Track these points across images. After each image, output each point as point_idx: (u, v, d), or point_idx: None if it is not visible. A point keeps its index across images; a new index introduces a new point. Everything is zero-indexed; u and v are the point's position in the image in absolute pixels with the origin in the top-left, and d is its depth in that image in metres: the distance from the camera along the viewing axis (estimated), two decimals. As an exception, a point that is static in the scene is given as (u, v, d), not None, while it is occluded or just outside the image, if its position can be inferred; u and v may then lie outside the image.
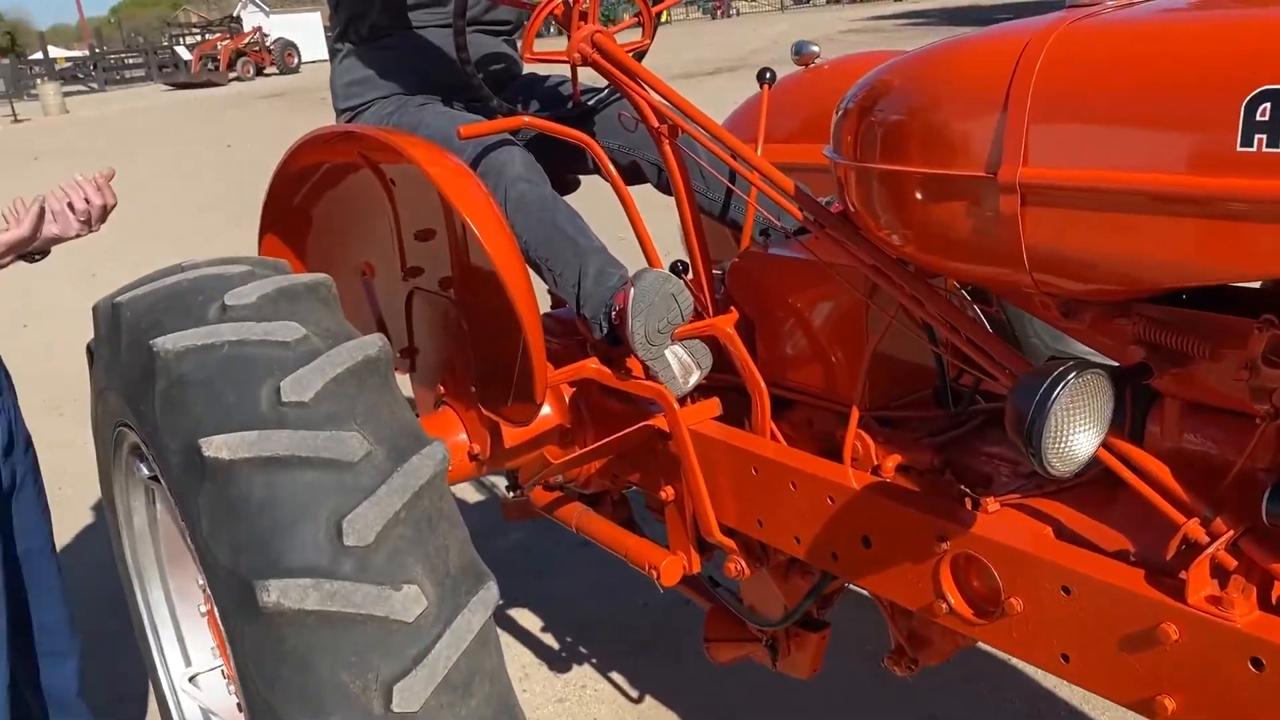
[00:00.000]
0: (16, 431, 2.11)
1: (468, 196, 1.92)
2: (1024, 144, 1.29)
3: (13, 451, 2.10)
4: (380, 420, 1.68)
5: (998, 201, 1.33)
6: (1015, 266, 1.36)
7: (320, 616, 1.50)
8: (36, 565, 2.17)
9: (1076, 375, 1.23)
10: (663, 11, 2.30)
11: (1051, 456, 1.24)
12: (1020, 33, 1.36)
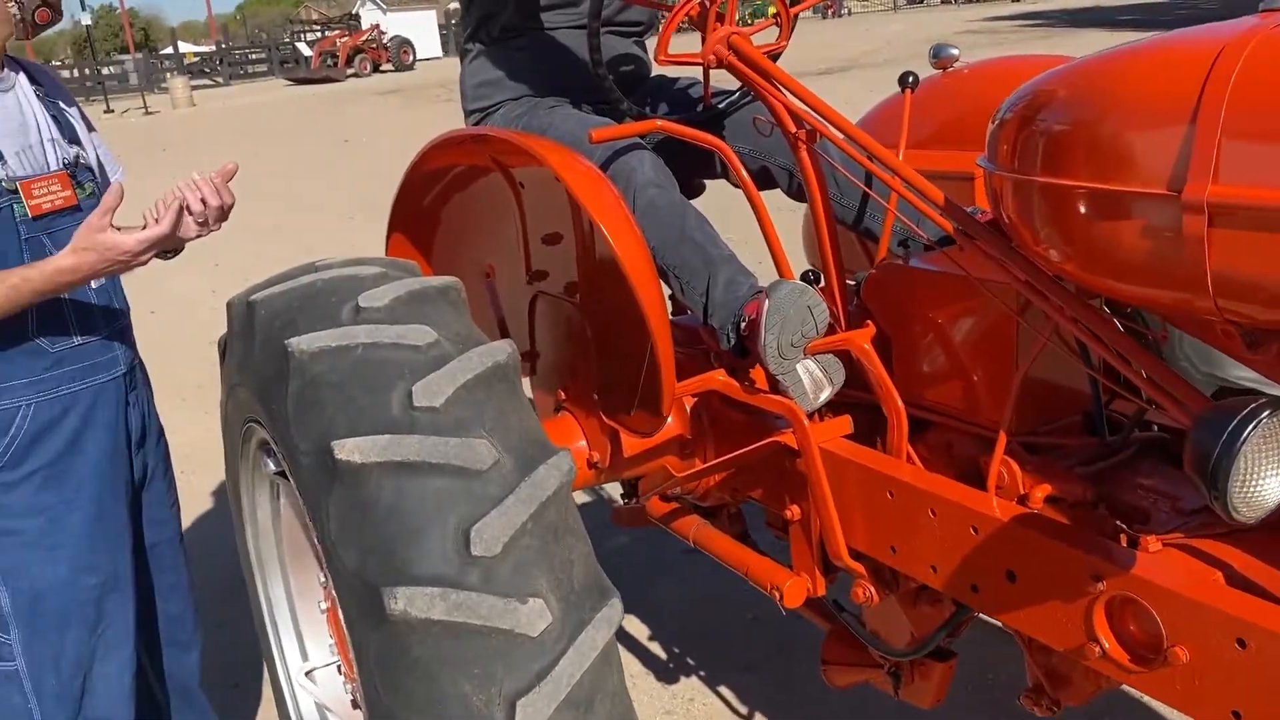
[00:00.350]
0: (149, 424, 2.15)
1: (601, 201, 1.88)
2: (1215, 160, 1.19)
3: (145, 443, 2.14)
4: (508, 428, 1.66)
5: (1180, 221, 1.23)
6: (1196, 291, 1.26)
7: (446, 627, 1.48)
8: (165, 557, 2.21)
9: (1270, 414, 1.13)
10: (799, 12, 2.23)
11: (1238, 501, 1.14)
12: (1211, 39, 1.26)
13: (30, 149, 1.89)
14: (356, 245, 8.11)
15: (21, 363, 1.88)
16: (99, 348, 2.00)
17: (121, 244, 1.74)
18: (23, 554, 1.92)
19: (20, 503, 1.91)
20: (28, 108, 1.92)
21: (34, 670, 1.95)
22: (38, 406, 1.91)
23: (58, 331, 1.91)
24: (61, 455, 1.95)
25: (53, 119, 1.97)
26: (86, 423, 1.98)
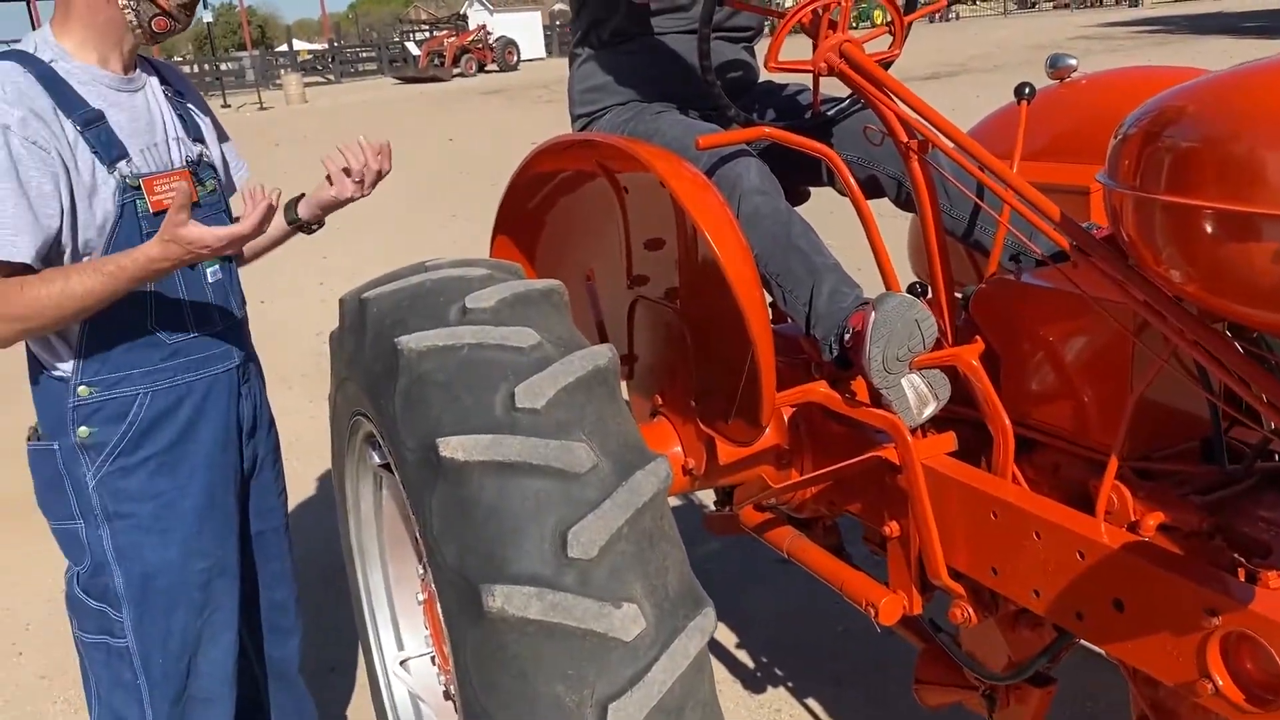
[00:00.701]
0: (260, 415, 2.22)
1: (706, 208, 1.88)
2: (1358, 183, 1.13)
3: (256, 434, 2.20)
4: (607, 432, 1.67)
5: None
6: (1332, 319, 1.20)
7: (541, 626, 1.49)
8: (271, 545, 2.27)
9: None
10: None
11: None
12: None
13: (155, 147, 1.96)
14: (458, 243, 8.26)
15: (140, 353, 1.95)
16: (214, 340, 2.06)
17: (201, 238, 1.77)
18: (136, 537, 1.99)
19: (135, 487, 1.98)
20: (156, 107, 2.00)
21: (143, 649, 2.02)
22: (154, 395, 1.98)
23: (175, 324, 1.98)
24: (175, 443, 2.01)
25: (179, 118, 2.04)
26: (200, 412, 2.04)
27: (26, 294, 1.76)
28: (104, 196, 1.86)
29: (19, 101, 1.76)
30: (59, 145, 1.80)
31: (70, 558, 2.03)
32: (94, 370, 1.93)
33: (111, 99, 1.90)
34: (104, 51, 1.90)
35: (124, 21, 1.88)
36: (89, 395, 1.93)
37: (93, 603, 2.01)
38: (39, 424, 2.00)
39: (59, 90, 1.82)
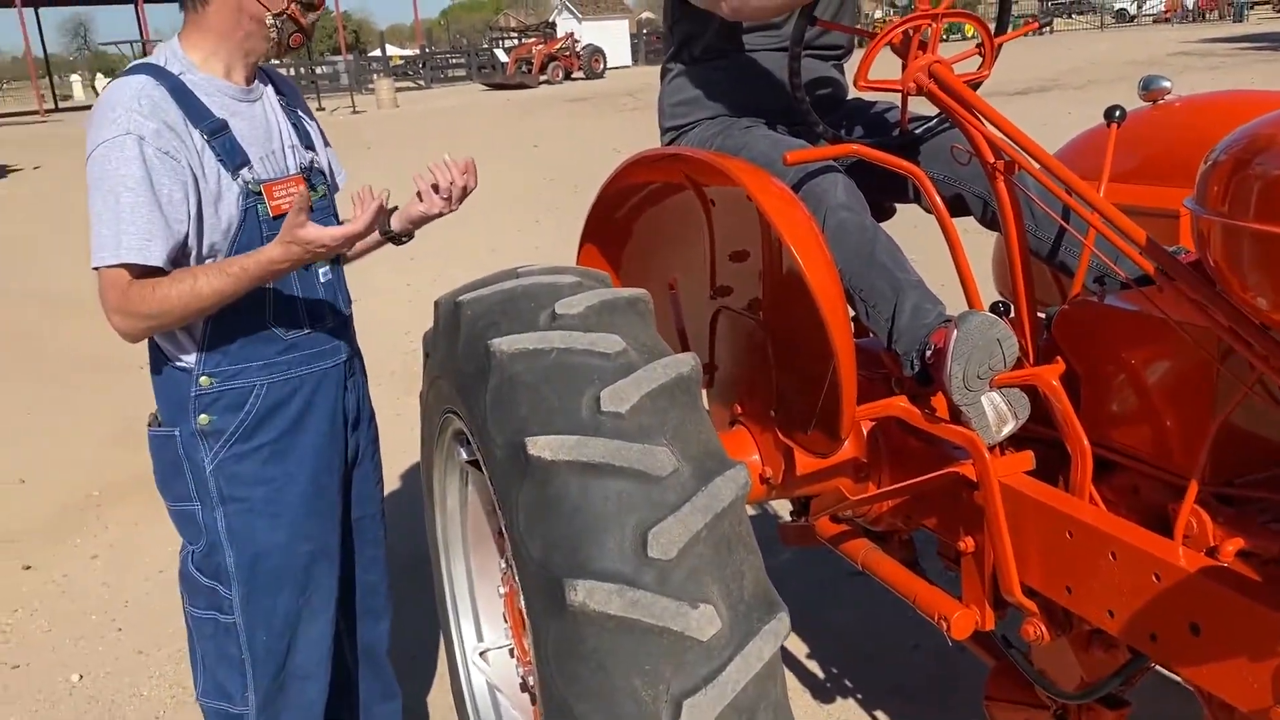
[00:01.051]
0: (363, 408, 2.32)
1: (793, 222, 1.92)
2: None
3: (359, 426, 2.30)
4: (688, 438, 1.72)
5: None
6: None
7: (621, 622, 1.55)
8: (367, 530, 2.37)
9: None
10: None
11: None
12: None
13: (273, 154, 2.08)
14: (540, 249, 8.38)
15: (258, 348, 2.07)
16: (325, 337, 2.17)
17: (318, 238, 1.88)
18: (248, 519, 2.10)
19: (249, 472, 2.09)
20: (272, 116, 2.11)
21: (249, 625, 2.13)
22: (269, 387, 2.09)
23: (291, 321, 2.09)
24: (286, 432, 2.12)
25: (292, 126, 2.16)
26: (310, 404, 2.15)
27: (158, 293, 1.88)
28: (228, 202, 1.98)
29: (153, 114, 1.88)
30: (188, 154, 1.91)
31: (186, 537, 2.15)
32: (215, 362, 2.04)
33: (234, 109, 2.01)
34: (230, 64, 2.02)
35: (264, 38, 2.00)
36: (210, 386, 2.04)
37: (205, 580, 2.12)
38: (159, 412, 2.11)
39: (188, 102, 1.94)
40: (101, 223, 1.88)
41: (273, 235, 2.02)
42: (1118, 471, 1.85)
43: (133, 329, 1.93)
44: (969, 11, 2.18)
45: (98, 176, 1.88)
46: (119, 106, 1.89)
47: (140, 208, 1.85)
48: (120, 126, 1.87)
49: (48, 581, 3.98)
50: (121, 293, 1.88)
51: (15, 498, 4.80)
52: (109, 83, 2.01)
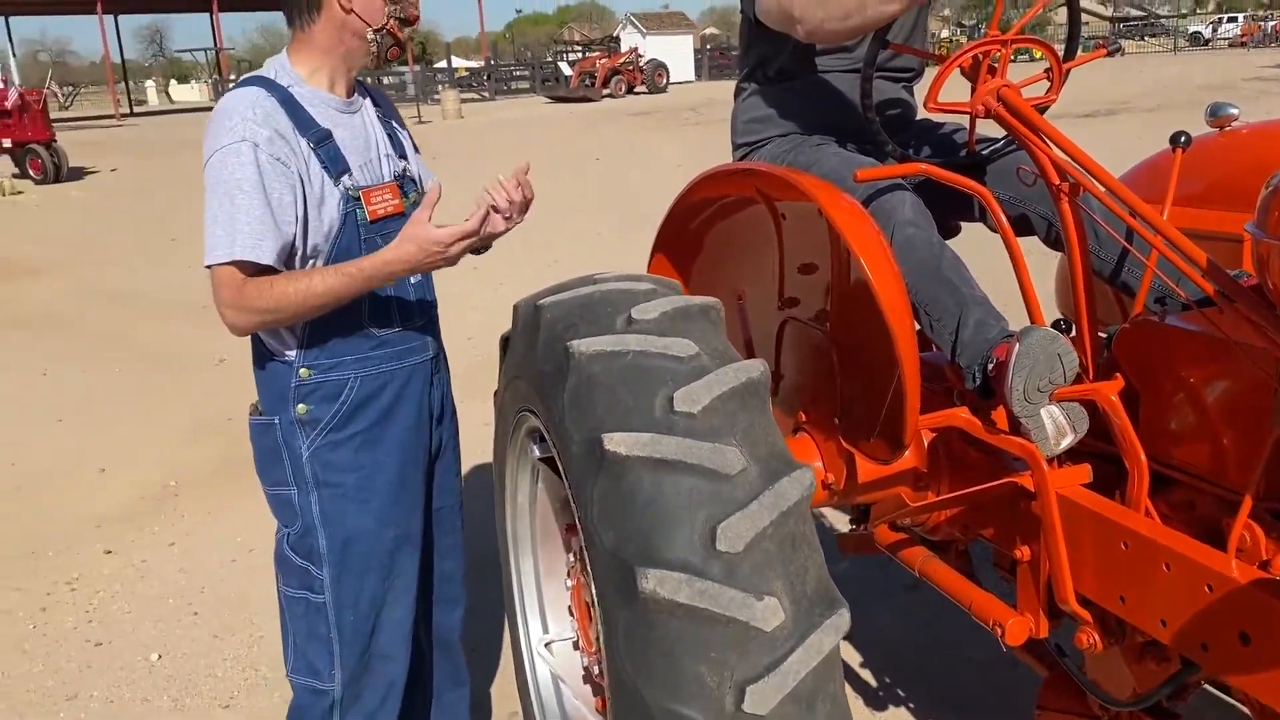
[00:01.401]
0: (446, 403, 2.43)
1: (864, 237, 2.00)
2: None
3: (442, 419, 2.41)
4: (756, 440, 1.80)
5: None
6: None
7: (689, 611, 1.63)
8: (446, 521, 2.48)
9: None
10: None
11: None
12: None
13: (370, 163, 2.20)
14: (600, 258, 8.51)
15: (354, 343, 2.19)
16: (414, 335, 2.29)
17: (438, 236, 2.01)
18: (340, 504, 2.22)
19: (342, 460, 2.21)
20: (370, 127, 2.24)
21: (337, 605, 2.24)
22: (363, 380, 2.21)
23: (384, 319, 2.21)
24: (377, 423, 2.24)
25: (388, 136, 2.28)
26: (399, 397, 2.26)
27: (275, 290, 2.00)
28: (330, 206, 2.10)
29: (266, 122, 2.01)
30: (297, 161, 2.04)
31: (281, 520, 2.27)
32: (314, 356, 2.16)
33: (336, 119, 2.14)
34: (334, 77, 2.15)
35: (365, 52, 2.13)
36: (309, 377, 2.17)
37: (299, 561, 2.24)
38: (260, 401, 2.24)
39: (296, 112, 2.07)
40: (217, 223, 2.01)
41: (369, 238, 2.14)
42: (1174, 486, 1.90)
43: (245, 323, 2.05)
44: (1038, 38, 2.24)
45: (214, 180, 2.01)
46: (235, 115, 2.03)
47: (253, 209, 1.98)
48: (236, 134, 2.00)
49: (127, 566, 4.16)
50: (237, 289, 2.01)
51: (97, 485, 5.01)
52: (225, 93, 2.14)
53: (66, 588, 4.00)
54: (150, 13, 68.43)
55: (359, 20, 2.10)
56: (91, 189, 18.50)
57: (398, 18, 2.15)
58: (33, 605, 3.87)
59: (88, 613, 3.81)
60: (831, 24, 2.21)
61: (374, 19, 2.11)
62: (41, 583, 4.04)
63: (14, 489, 4.99)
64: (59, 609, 3.84)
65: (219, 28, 52.63)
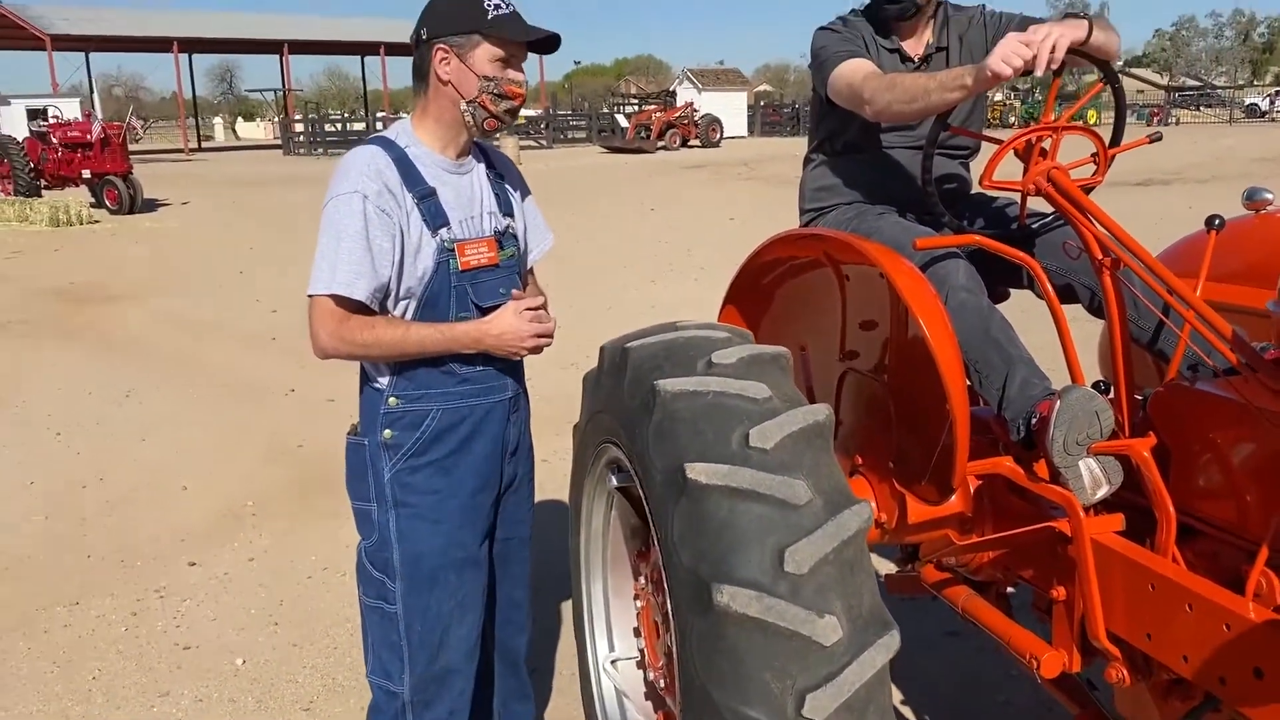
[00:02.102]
0: (523, 440, 2.65)
1: (922, 300, 2.23)
2: None
3: (517, 455, 2.62)
4: (820, 475, 2.02)
5: None
6: None
7: (757, 624, 1.85)
8: (515, 551, 2.69)
9: None
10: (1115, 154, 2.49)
11: None
12: None
13: (472, 219, 2.45)
14: (656, 308, 8.77)
15: (438, 378, 2.42)
16: (494, 374, 2.51)
17: (522, 329, 2.33)
18: (415, 523, 2.44)
19: (420, 482, 2.44)
20: (478, 187, 2.49)
21: (407, 616, 2.45)
22: (444, 413, 2.44)
23: (467, 359, 2.44)
24: (453, 452, 2.46)
25: (495, 195, 2.53)
26: (476, 431, 2.49)
27: (375, 330, 2.27)
28: (425, 255, 2.36)
29: (376, 177, 2.28)
30: (399, 213, 2.30)
31: (361, 533, 2.51)
32: (403, 387, 2.41)
33: (444, 179, 2.40)
34: (445, 142, 2.41)
35: (464, 123, 2.39)
36: (396, 406, 2.41)
37: (375, 572, 2.47)
38: (359, 423, 2.50)
39: (407, 170, 2.34)
40: (323, 258, 2.27)
41: (460, 285, 2.38)
42: (1199, 536, 2.09)
43: (336, 350, 2.30)
44: (1087, 126, 2.46)
45: (328, 222, 2.28)
46: (353, 170, 2.30)
47: (355, 251, 2.24)
48: (352, 185, 2.28)
49: (211, 578, 4.43)
50: (339, 320, 2.27)
51: (180, 502, 5.31)
52: (350, 150, 2.42)
53: (155, 595, 4.27)
54: (223, 53, 70.70)
55: (454, 91, 2.35)
56: (163, 220, 19.19)
57: (492, 93, 2.35)
58: (124, 610, 4.15)
59: (175, 619, 4.07)
60: (898, 106, 2.46)
61: (467, 92, 2.34)
62: (132, 589, 4.32)
63: (105, 503, 5.31)
64: (149, 614, 4.11)
65: (288, 70, 54.14)
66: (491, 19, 2.28)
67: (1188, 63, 79.27)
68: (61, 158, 21.13)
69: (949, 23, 2.78)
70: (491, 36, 2.29)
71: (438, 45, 2.31)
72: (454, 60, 2.31)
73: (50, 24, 45.21)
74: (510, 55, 2.33)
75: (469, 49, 2.30)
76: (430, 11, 2.35)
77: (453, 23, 2.30)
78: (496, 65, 2.32)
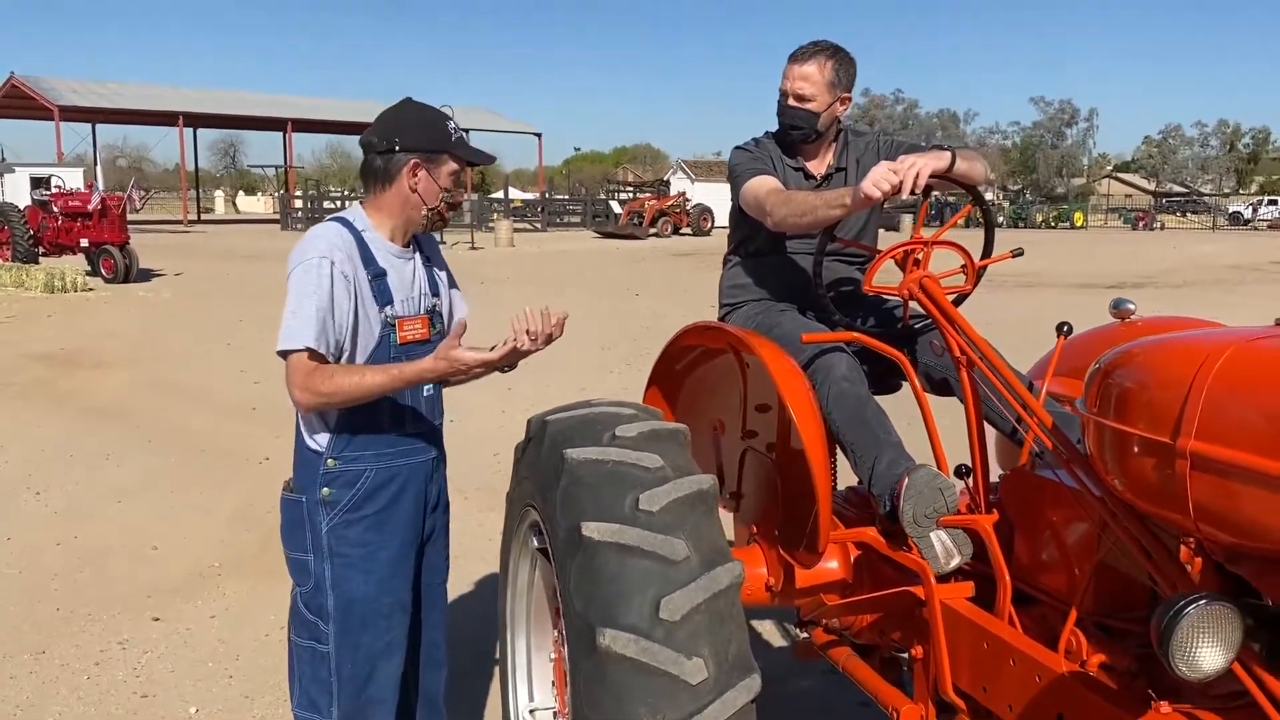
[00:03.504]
0: (442, 496, 2.93)
1: (795, 391, 2.56)
2: (1195, 422, 1.71)
3: (437, 509, 2.91)
4: (700, 536, 2.32)
5: (1172, 463, 1.75)
6: (1183, 514, 1.76)
7: (635, 664, 2.13)
8: (435, 595, 2.95)
9: (1207, 602, 1.61)
10: (985, 267, 2.84)
11: (1178, 659, 1.62)
12: (1200, 346, 1.80)
13: (410, 299, 2.77)
14: (627, 388, 9.10)
15: (373, 440, 2.70)
16: (422, 439, 2.79)
17: (464, 359, 2.55)
18: (349, 572, 2.71)
19: (354, 535, 2.71)
20: (417, 271, 2.81)
21: (338, 655, 2.71)
22: (377, 472, 2.72)
23: (399, 423, 2.73)
24: (384, 508, 2.73)
25: (427, 278, 2.86)
26: (404, 488, 2.77)
27: (335, 379, 2.55)
28: (372, 326, 2.67)
29: (342, 247, 2.61)
30: (358, 285, 2.62)
31: (296, 580, 2.77)
32: (341, 448, 2.69)
33: (391, 262, 2.73)
34: (394, 230, 2.75)
35: (418, 221, 2.73)
36: (334, 466, 2.69)
37: (309, 615, 2.73)
38: (294, 480, 2.76)
39: (364, 250, 2.66)
40: (294, 315, 2.56)
41: (398, 356, 2.68)
42: (1034, 602, 2.38)
43: (309, 402, 2.58)
44: (954, 241, 2.81)
45: (297, 283, 2.57)
46: (321, 240, 2.62)
47: (322, 310, 2.54)
48: (320, 251, 2.59)
49: (172, 633, 4.65)
50: (306, 373, 2.55)
51: (150, 561, 5.54)
52: (315, 226, 2.74)
53: (118, 647, 4.49)
54: (227, 128, 72.11)
55: (419, 199, 2.69)
56: (157, 290, 19.57)
57: (448, 202, 2.71)
58: (87, 659, 4.37)
59: (135, 669, 4.29)
60: (792, 219, 2.82)
61: (430, 200, 2.69)
62: (96, 640, 4.54)
63: (77, 558, 5.54)
64: (110, 664, 4.33)
65: (290, 146, 55.15)
66: (454, 140, 2.66)
67: (1174, 170, 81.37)
68: (61, 226, 21.64)
69: (848, 146, 3.16)
70: (456, 156, 2.66)
71: (412, 159, 2.64)
72: (423, 173, 2.65)
73: (60, 95, 46.34)
74: (462, 169, 2.70)
75: (437, 165, 2.66)
76: (401, 127, 2.67)
77: (426, 140, 2.64)
78: (452, 179, 2.68)
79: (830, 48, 3.05)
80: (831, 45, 3.06)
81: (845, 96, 3.07)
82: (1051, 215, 58.47)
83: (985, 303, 5.53)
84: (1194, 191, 76.36)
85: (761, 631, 4.40)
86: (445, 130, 2.67)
